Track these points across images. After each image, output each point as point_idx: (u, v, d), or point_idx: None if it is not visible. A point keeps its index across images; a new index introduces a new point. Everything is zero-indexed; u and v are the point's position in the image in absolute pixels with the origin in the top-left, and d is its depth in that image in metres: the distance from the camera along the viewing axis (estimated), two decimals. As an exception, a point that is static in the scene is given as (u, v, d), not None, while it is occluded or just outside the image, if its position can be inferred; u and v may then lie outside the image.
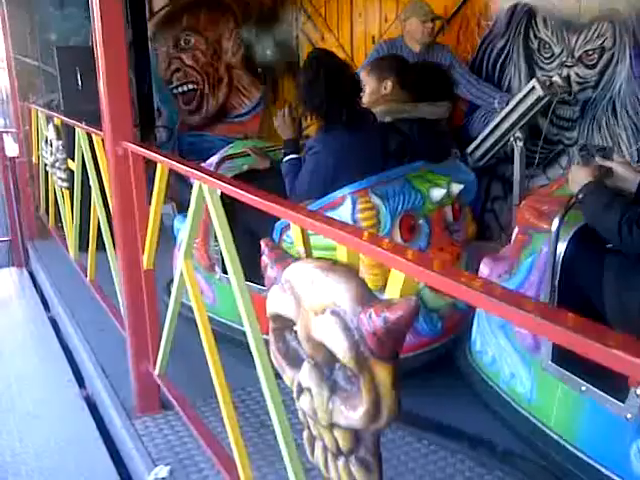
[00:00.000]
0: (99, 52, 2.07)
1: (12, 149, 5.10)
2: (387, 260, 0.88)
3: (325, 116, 2.40)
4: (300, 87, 2.44)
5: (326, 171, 2.35)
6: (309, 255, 1.13)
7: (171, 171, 1.98)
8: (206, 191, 1.52)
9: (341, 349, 0.91)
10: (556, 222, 1.85)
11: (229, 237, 1.48)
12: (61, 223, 4.18)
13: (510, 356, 2.08)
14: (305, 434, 1.11)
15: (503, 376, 2.12)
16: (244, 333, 2.61)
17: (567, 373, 1.83)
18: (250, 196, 1.24)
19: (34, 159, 4.71)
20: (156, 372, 2.26)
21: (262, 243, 1.15)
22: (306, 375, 1.00)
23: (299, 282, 1.02)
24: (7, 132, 5.27)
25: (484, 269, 2.35)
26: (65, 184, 3.68)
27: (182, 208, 4.02)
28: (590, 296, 1.84)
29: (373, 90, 2.77)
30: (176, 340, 2.20)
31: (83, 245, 3.61)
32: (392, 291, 0.90)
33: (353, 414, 0.93)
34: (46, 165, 4.12)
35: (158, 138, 5.33)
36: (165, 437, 2.27)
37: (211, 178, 1.46)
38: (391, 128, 2.58)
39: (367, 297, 0.92)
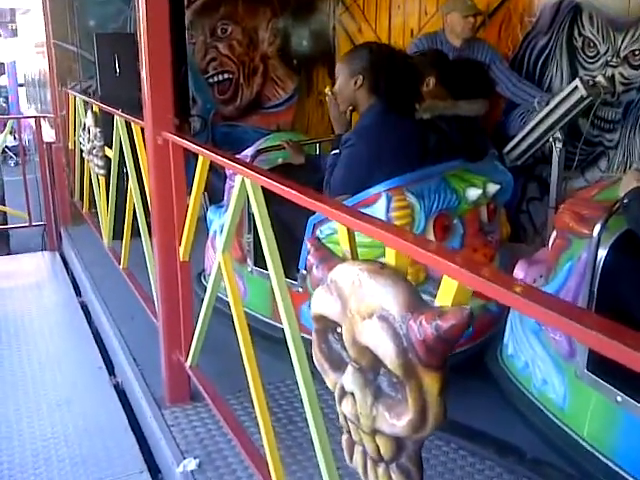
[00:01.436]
0: (143, 42, 2.07)
1: (49, 134, 5.16)
2: (438, 265, 0.87)
3: (386, 96, 2.31)
4: (361, 63, 2.32)
5: (360, 166, 2.30)
6: (355, 256, 1.12)
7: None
8: (249, 186, 1.51)
9: (388, 355, 0.90)
10: (598, 227, 1.81)
11: (270, 233, 1.48)
12: (95, 209, 4.23)
13: (543, 362, 2.05)
14: (344, 438, 1.10)
15: (535, 382, 2.09)
16: (273, 327, 2.66)
17: (602, 382, 1.79)
18: (297, 194, 1.24)
19: (70, 145, 4.76)
20: (188, 363, 2.27)
21: (307, 243, 1.15)
22: (350, 379, 0.99)
23: (345, 284, 1.01)
24: (44, 117, 5.34)
25: (519, 272, 2.31)
26: (102, 171, 3.72)
27: (214, 199, 4.03)
28: (630, 305, 1.80)
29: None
30: (206, 332, 2.21)
31: (117, 232, 3.65)
32: (444, 298, 0.88)
33: (397, 422, 0.92)
34: (82, 152, 4.16)
35: (192, 127, 5.35)
36: (194, 429, 2.28)
37: (255, 173, 1.45)
38: (430, 125, 2.55)
39: (416, 303, 0.91)
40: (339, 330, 1.04)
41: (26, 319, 3.84)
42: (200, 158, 1.94)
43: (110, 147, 3.48)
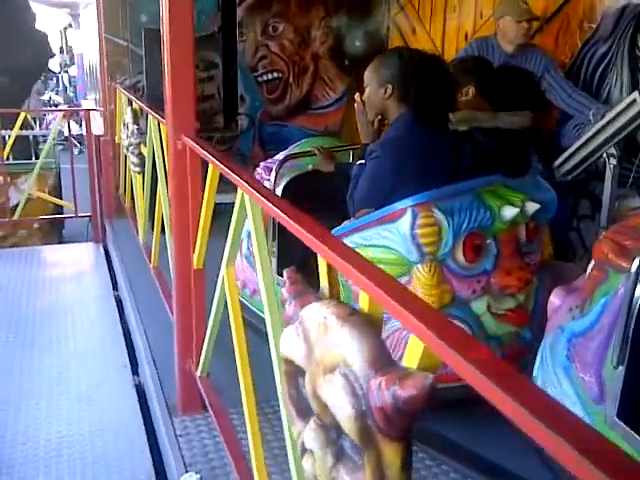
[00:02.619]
0: (166, 46, 2.01)
1: (98, 127, 5.23)
2: (407, 323, 0.75)
3: (416, 106, 2.18)
4: (390, 70, 2.19)
5: (384, 179, 2.17)
6: (333, 295, 1.01)
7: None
8: (247, 202, 1.43)
9: (345, 417, 0.79)
10: (637, 262, 1.63)
11: (265, 254, 1.39)
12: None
13: (572, 402, 1.88)
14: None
15: (564, 422, 1.93)
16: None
17: (634, 434, 1.62)
18: (285, 217, 1.14)
19: (117, 139, 4.81)
20: (198, 373, 2.21)
21: (285, 274, 1.04)
22: (311, 435, 0.89)
23: (312, 327, 0.90)
24: (95, 110, 5.42)
25: (555, 300, 2.14)
26: (137, 169, 3.72)
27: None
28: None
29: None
30: (227, 339, 2.13)
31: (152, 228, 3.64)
32: (410, 359, 0.76)
33: (356, 491, 0.81)
34: (124, 147, 4.19)
35: (239, 126, 5.32)
36: (202, 441, 2.22)
37: (254, 191, 1.36)
38: (465, 137, 2.39)
39: (383, 360, 0.79)
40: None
41: (61, 311, 3.89)
42: (210, 167, 1.86)
43: (146, 145, 3.47)
